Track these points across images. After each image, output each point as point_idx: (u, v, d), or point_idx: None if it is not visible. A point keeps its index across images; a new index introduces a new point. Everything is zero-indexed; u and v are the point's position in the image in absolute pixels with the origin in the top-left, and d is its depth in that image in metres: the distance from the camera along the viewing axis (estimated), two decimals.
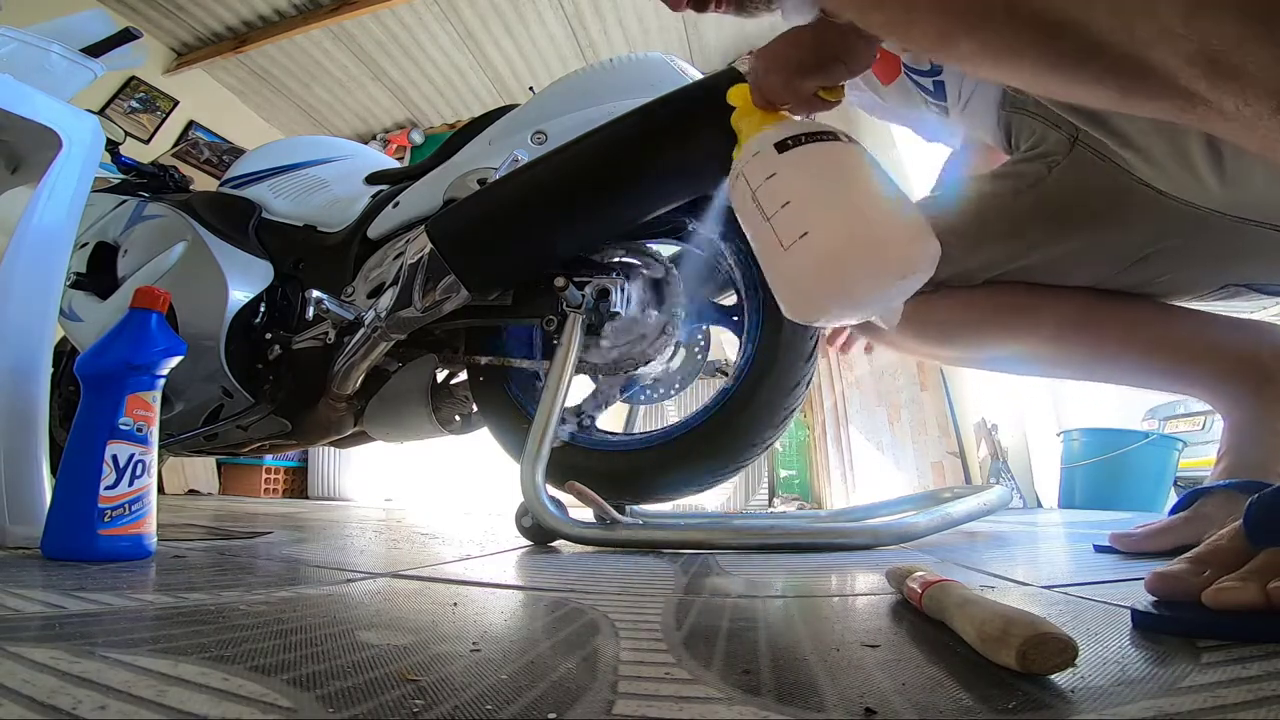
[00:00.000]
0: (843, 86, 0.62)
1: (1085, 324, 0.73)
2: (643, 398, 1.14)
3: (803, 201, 0.52)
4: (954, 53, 0.28)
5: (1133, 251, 0.66)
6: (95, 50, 0.94)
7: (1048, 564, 0.77)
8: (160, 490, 2.03)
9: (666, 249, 1.08)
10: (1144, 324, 0.73)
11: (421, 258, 0.98)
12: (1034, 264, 0.71)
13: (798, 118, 0.63)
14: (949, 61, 0.29)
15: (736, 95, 0.65)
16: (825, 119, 0.64)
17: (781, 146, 0.56)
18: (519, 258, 0.96)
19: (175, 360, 0.70)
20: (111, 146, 1.43)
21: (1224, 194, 0.55)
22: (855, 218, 0.51)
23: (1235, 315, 0.76)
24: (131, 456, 0.65)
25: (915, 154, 2.44)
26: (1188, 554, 0.42)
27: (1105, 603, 0.47)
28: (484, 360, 1.08)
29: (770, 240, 0.53)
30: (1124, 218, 0.63)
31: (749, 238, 0.58)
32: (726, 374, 1.02)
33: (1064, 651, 0.29)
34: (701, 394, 2.92)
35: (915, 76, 0.81)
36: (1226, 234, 0.60)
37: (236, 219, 1.31)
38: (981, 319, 0.76)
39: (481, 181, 1.05)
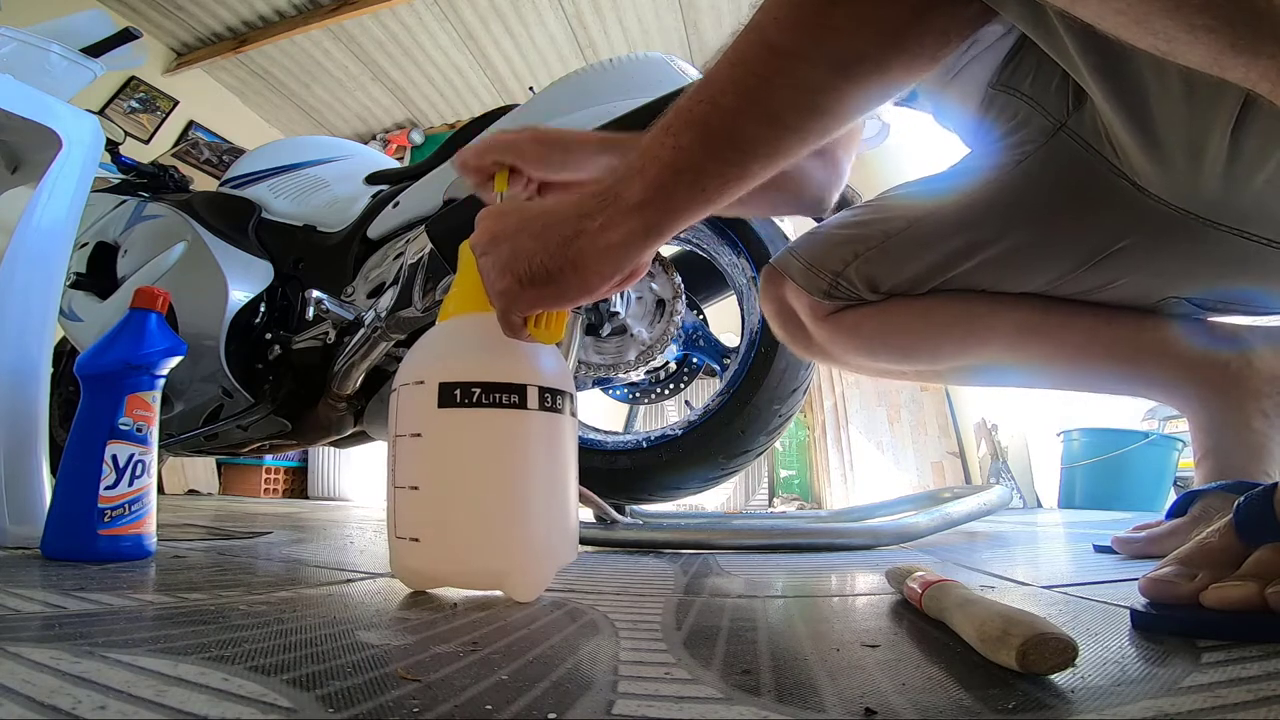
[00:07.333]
0: (564, 323, 0.50)
1: (1043, 327, 0.71)
2: (642, 398, 1.14)
3: (431, 503, 0.46)
4: (1146, 29, 0.28)
5: (1094, 248, 0.64)
6: (95, 50, 0.93)
7: (1048, 564, 0.77)
8: (160, 490, 2.03)
9: (666, 249, 1.08)
10: (1102, 326, 0.71)
11: (421, 258, 0.98)
12: (986, 263, 0.68)
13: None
14: (1139, 41, 0.29)
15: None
16: None
17: (447, 397, 0.45)
18: None
19: (175, 360, 0.70)
20: (111, 146, 1.43)
21: (1214, 193, 0.53)
22: (476, 553, 0.47)
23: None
24: (131, 456, 0.65)
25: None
26: (1177, 553, 0.42)
27: (1105, 603, 0.47)
28: None
29: (389, 506, 0.49)
30: (1090, 212, 0.61)
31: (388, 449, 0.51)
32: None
33: (1064, 651, 0.29)
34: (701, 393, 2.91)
35: None
36: (1189, 239, 0.58)
37: (236, 219, 1.31)
38: (936, 328, 0.73)
39: None
